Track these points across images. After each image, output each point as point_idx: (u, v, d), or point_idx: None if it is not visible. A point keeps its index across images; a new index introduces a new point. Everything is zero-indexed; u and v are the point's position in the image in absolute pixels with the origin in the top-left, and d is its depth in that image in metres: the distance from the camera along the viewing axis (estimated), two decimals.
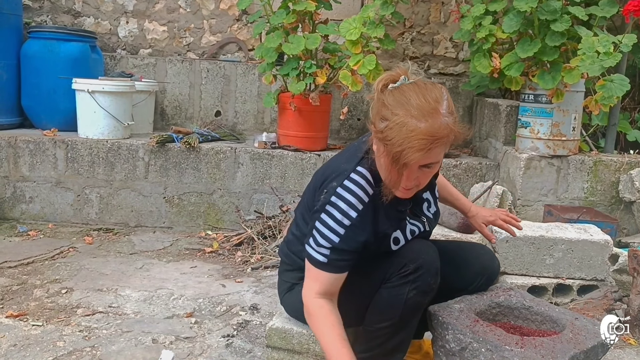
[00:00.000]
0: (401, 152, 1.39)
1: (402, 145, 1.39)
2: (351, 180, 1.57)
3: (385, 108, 1.45)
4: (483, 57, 3.40)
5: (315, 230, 1.57)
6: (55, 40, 3.91)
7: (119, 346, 2.10)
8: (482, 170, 3.64)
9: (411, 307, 1.58)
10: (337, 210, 1.54)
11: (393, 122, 1.41)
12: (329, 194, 1.57)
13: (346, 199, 1.55)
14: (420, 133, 1.38)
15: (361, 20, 3.38)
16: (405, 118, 1.40)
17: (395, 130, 1.40)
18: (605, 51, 2.84)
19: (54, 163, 3.63)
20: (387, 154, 1.44)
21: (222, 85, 4.44)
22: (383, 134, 1.43)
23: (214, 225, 3.65)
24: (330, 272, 1.56)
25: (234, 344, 2.15)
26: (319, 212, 1.57)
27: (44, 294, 2.56)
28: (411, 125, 1.39)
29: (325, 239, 1.55)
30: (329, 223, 1.55)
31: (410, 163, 1.41)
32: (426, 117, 1.40)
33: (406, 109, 1.41)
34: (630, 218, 3.28)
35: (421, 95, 1.44)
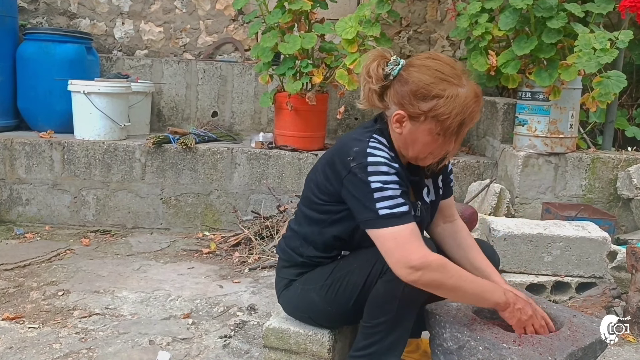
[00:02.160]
0: (464, 119, 1.50)
1: (464, 112, 1.49)
2: (375, 141, 1.57)
3: (422, 87, 1.50)
4: (480, 55, 3.40)
5: (377, 192, 1.49)
6: (50, 41, 3.89)
7: (116, 348, 2.09)
8: (480, 169, 3.63)
9: (407, 302, 1.55)
10: (381, 166, 1.51)
11: (445, 97, 1.48)
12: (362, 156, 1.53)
13: (381, 155, 1.53)
14: (471, 98, 1.50)
15: (357, 19, 3.38)
16: (453, 90, 1.49)
17: (451, 102, 1.48)
18: (601, 48, 2.84)
19: (51, 165, 3.62)
20: (440, 127, 1.50)
21: (219, 85, 4.43)
22: (435, 111, 1.49)
23: (212, 226, 3.64)
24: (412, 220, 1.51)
25: (231, 345, 2.14)
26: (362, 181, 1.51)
27: (41, 296, 2.55)
28: (461, 94, 1.49)
29: (392, 190, 1.50)
30: (382, 178, 1.50)
31: (471, 125, 1.53)
32: (462, 81, 1.51)
33: (447, 81, 1.50)
34: (629, 215, 3.27)
35: (445, 64, 1.53)
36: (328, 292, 1.70)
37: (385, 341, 1.61)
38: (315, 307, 1.74)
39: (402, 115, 1.54)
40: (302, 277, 1.77)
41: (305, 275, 1.77)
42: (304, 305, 1.78)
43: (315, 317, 1.79)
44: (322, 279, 1.72)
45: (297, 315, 1.83)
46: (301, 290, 1.77)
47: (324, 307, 1.72)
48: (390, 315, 1.58)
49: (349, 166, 1.54)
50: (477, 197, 3.31)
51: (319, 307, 1.73)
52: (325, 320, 1.78)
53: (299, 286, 1.77)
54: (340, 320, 1.77)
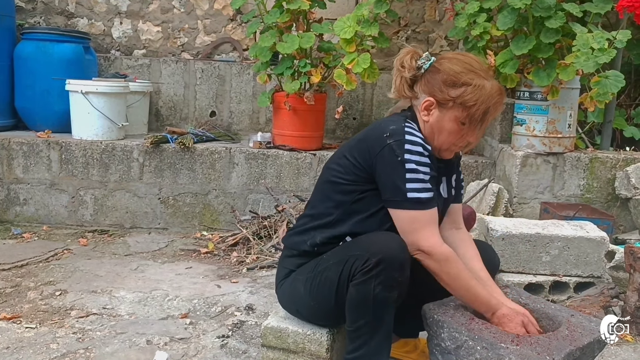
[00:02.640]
0: (488, 108, 1.62)
1: (489, 102, 1.61)
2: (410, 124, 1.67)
3: (452, 75, 1.63)
4: (478, 54, 3.39)
5: (410, 173, 1.59)
6: (48, 41, 3.89)
7: (113, 348, 2.08)
8: (478, 169, 3.63)
9: (380, 303, 1.58)
10: (417, 146, 1.61)
11: (473, 86, 1.61)
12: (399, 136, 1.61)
13: (418, 136, 1.64)
14: (496, 90, 1.63)
15: (355, 19, 3.37)
16: (480, 80, 1.62)
17: (478, 91, 1.60)
18: (599, 47, 2.83)
19: (48, 165, 3.61)
20: (465, 115, 1.62)
21: (217, 85, 4.42)
22: (463, 98, 1.61)
23: (210, 225, 3.63)
24: (435, 207, 1.64)
25: (229, 345, 2.14)
26: (398, 157, 1.60)
27: (38, 296, 2.54)
28: (487, 85, 1.62)
29: (423, 174, 1.60)
30: (417, 159, 1.60)
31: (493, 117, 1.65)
32: (488, 76, 1.65)
33: (476, 73, 1.63)
34: (627, 215, 3.27)
35: (474, 60, 1.67)
36: (311, 285, 1.72)
37: (371, 343, 1.62)
38: (301, 300, 1.78)
39: (431, 102, 1.67)
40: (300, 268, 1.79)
41: (303, 266, 1.78)
42: (293, 296, 1.81)
43: (302, 311, 1.81)
44: (309, 271, 1.75)
45: (289, 308, 1.86)
46: (293, 280, 1.79)
47: (308, 301, 1.75)
48: (368, 317, 1.60)
49: (385, 142, 1.62)
50: (476, 196, 3.30)
51: (304, 300, 1.76)
52: (310, 315, 1.79)
53: (294, 276, 1.79)
54: (324, 318, 1.77)
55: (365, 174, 1.67)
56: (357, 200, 1.71)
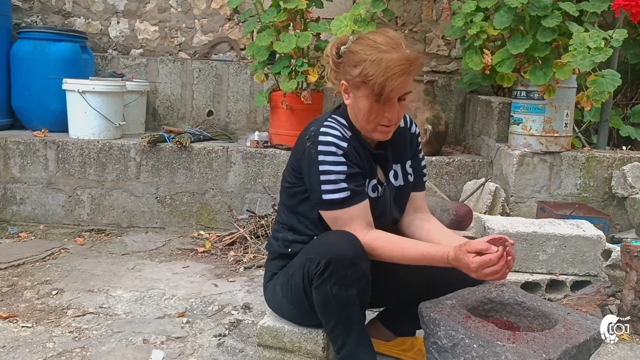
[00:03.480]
0: (386, 80, 1.54)
1: (386, 73, 1.54)
2: (332, 121, 1.70)
3: (354, 55, 1.61)
4: (475, 54, 3.40)
5: (322, 175, 1.62)
6: (45, 40, 3.88)
7: (109, 347, 2.08)
8: (475, 168, 3.63)
9: (342, 303, 1.59)
10: (330, 145, 1.63)
11: (369, 61, 1.56)
12: (316, 135, 1.65)
13: (332, 134, 1.65)
14: (398, 60, 1.55)
15: (352, 18, 3.38)
16: (379, 54, 1.56)
17: (375, 65, 1.55)
18: (596, 46, 2.84)
19: (45, 164, 3.61)
20: (370, 90, 1.57)
21: (214, 84, 4.42)
22: (362, 75, 1.58)
23: (207, 225, 3.63)
24: (358, 203, 1.63)
25: (225, 344, 2.14)
26: (314, 160, 1.63)
27: (34, 295, 2.53)
28: (387, 57, 1.56)
29: (337, 174, 1.61)
30: (330, 159, 1.62)
31: (395, 89, 1.56)
32: (395, 49, 1.58)
33: (376, 47, 1.58)
34: (623, 214, 3.28)
35: (382, 36, 1.62)
36: (286, 290, 1.76)
37: (349, 342, 1.65)
38: (282, 304, 1.81)
39: (345, 85, 1.67)
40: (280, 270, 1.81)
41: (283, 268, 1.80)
42: (276, 300, 1.84)
43: (287, 315, 1.83)
44: (283, 274, 1.79)
45: (276, 311, 1.87)
46: (274, 284, 1.82)
47: (287, 305, 1.78)
48: (335, 317, 1.63)
49: (305, 145, 1.67)
50: (473, 195, 3.31)
51: (284, 304, 1.80)
52: (294, 318, 1.81)
53: (275, 280, 1.81)
54: (306, 320, 1.78)
55: (300, 175, 1.72)
56: (301, 202, 1.75)
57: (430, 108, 3.68)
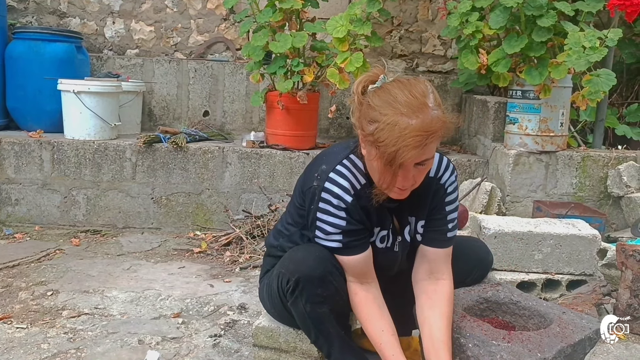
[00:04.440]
0: (396, 152, 1.36)
1: (397, 144, 1.35)
2: (343, 166, 1.58)
3: (372, 110, 1.43)
4: (470, 53, 3.40)
5: (318, 221, 1.57)
6: (40, 40, 3.86)
7: (104, 347, 2.07)
8: (471, 167, 3.64)
9: (318, 319, 1.59)
10: (334, 197, 1.54)
11: (384, 123, 1.38)
12: (321, 181, 1.56)
13: (340, 184, 1.55)
14: (414, 130, 1.35)
15: (348, 18, 3.37)
16: (395, 117, 1.37)
17: (387, 131, 1.37)
18: (591, 46, 2.84)
19: (40, 165, 3.60)
20: (381, 155, 1.40)
21: (210, 85, 4.41)
22: (374, 137, 1.40)
23: (203, 225, 3.62)
24: (350, 255, 1.57)
25: (221, 344, 2.13)
26: (316, 203, 1.56)
27: (29, 296, 2.52)
28: (403, 123, 1.36)
29: (332, 227, 1.56)
30: (330, 210, 1.55)
31: (406, 162, 1.38)
32: (416, 113, 1.37)
33: (394, 107, 1.38)
34: (619, 213, 3.28)
35: (407, 92, 1.41)
36: (267, 292, 1.77)
37: (333, 351, 1.65)
38: (265, 302, 1.83)
39: (361, 133, 1.50)
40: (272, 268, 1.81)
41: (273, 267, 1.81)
42: (262, 298, 1.86)
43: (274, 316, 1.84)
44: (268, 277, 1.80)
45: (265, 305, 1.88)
46: (264, 283, 1.84)
47: (269, 305, 1.80)
48: (314, 331, 1.63)
49: (312, 183, 1.59)
50: (469, 195, 3.31)
51: (267, 303, 1.81)
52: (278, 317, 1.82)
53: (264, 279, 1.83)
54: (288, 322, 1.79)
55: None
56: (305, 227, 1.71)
57: None
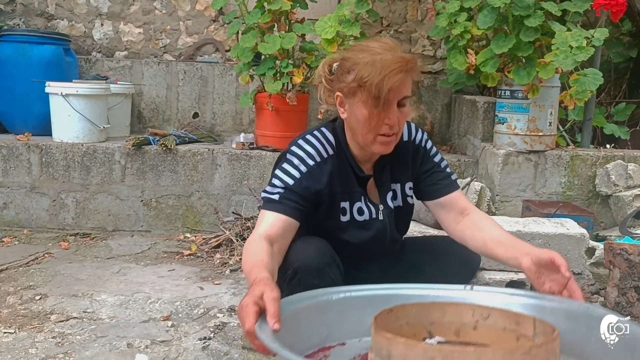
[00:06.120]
0: (383, 79, 1.46)
1: (382, 73, 1.46)
2: (313, 135, 1.66)
3: (347, 61, 1.55)
4: (459, 53, 3.41)
5: (273, 177, 1.60)
6: (27, 43, 3.84)
7: (93, 351, 2.06)
8: (461, 167, 3.65)
9: None
10: (296, 157, 1.61)
11: (363, 63, 1.49)
12: (290, 146, 1.64)
13: (305, 149, 1.62)
14: (393, 59, 1.48)
15: (337, 19, 3.37)
16: (372, 56, 1.50)
17: (369, 66, 1.48)
18: (577, 46, 2.86)
19: (28, 168, 3.58)
20: (367, 95, 1.49)
21: (200, 86, 4.40)
22: (357, 79, 1.51)
23: (193, 227, 3.61)
24: (278, 212, 1.53)
25: (210, 347, 2.12)
26: (280, 162, 1.63)
27: (17, 300, 2.51)
28: (381, 57, 1.49)
29: (280, 181, 1.57)
30: (287, 168, 1.59)
31: (393, 89, 1.47)
32: (389, 51, 1.51)
33: (369, 51, 1.52)
34: (607, 212, 3.30)
35: (375, 41, 1.57)
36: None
37: None
38: None
39: (340, 96, 1.59)
40: None
41: None
42: None
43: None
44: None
45: None
46: None
47: None
48: None
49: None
50: None
51: None
52: None
53: None
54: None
55: None
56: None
57: (416, 108, 3.69)
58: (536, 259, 1.40)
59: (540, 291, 1.41)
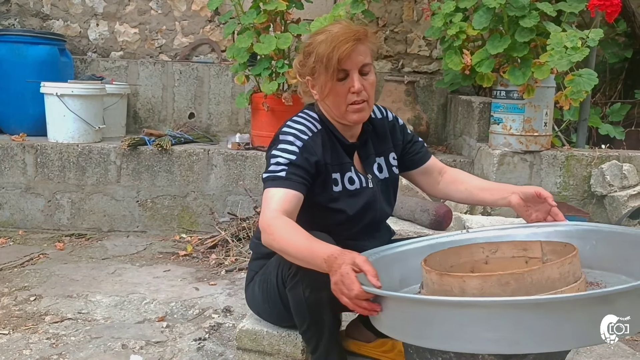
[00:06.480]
0: (333, 50, 1.56)
1: (331, 45, 1.57)
2: (298, 117, 1.72)
3: (308, 47, 1.66)
4: (454, 54, 3.42)
5: (272, 157, 1.61)
6: (22, 43, 3.83)
7: (87, 353, 2.06)
8: (457, 168, 3.64)
9: (314, 305, 1.58)
10: (290, 135, 1.64)
11: (316, 42, 1.62)
12: (279, 130, 1.68)
13: (296, 127, 1.67)
14: (340, 31, 1.60)
15: (332, 19, 3.36)
16: (324, 35, 1.62)
17: (321, 42, 1.60)
18: (572, 46, 2.86)
19: (23, 168, 3.57)
20: (325, 69, 1.59)
21: (195, 86, 4.40)
22: (316, 59, 1.60)
23: (188, 228, 3.61)
24: (288, 188, 1.56)
25: (205, 347, 2.12)
26: (274, 146, 1.64)
27: (12, 301, 2.50)
28: (330, 31, 1.62)
29: (283, 159, 1.59)
30: (285, 147, 1.61)
31: (344, 58, 1.57)
32: (342, 26, 1.64)
33: (322, 32, 1.64)
34: (603, 212, 3.31)
35: (334, 24, 1.68)
36: (262, 288, 1.75)
37: (321, 345, 1.65)
38: (258, 302, 1.80)
39: (309, 79, 1.67)
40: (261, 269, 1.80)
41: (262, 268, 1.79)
42: (254, 299, 1.82)
43: (262, 314, 1.83)
44: (262, 274, 1.78)
45: (253, 310, 1.87)
46: (254, 283, 1.81)
47: (262, 304, 1.78)
48: (307, 320, 1.62)
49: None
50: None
51: (260, 303, 1.79)
52: (269, 318, 1.81)
53: (255, 278, 1.80)
54: (280, 320, 1.78)
55: None
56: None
57: (412, 109, 3.69)
58: (523, 194, 1.67)
59: (528, 221, 1.68)
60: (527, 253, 1.51)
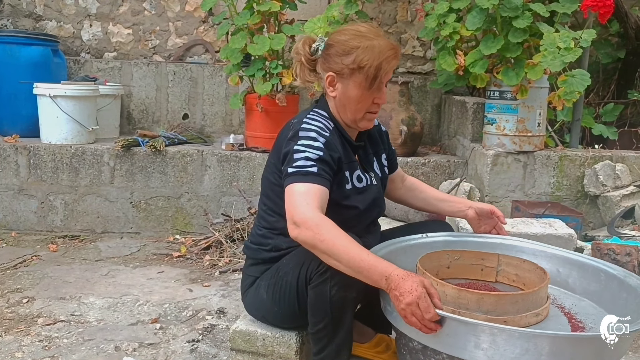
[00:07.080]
0: (381, 64, 1.63)
1: (380, 57, 1.63)
2: (314, 114, 1.73)
3: (342, 44, 1.67)
4: (448, 54, 3.42)
5: (296, 152, 1.59)
6: (15, 44, 3.81)
7: (80, 355, 2.05)
8: (451, 168, 3.65)
9: (338, 304, 1.57)
10: (312, 131, 1.64)
11: (362, 48, 1.64)
12: (298, 125, 1.67)
13: (315, 125, 1.68)
14: (388, 45, 1.67)
15: (326, 20, 3.37)
16: (369, 42, 1.65)
17: (369, 51, 1.64)
18: (565, 47, 2.87)
19: (16, 170, 3.55)
20: (364, 77, 1.64)
21: (189, 87, 4.39)
22: (356, 62, 1.64)
23: (182, 229, 3.60)
24: (320, 185, 1.57)
25: (198, 349, 2.12)
26: (293, 142, 1.63)
27: (4, 304, 2.49)
28: (377, 43, 1.65)
29: (312, 154, 1.59)
30: (310, 143, 1.62)
31: (387, 73, 1.66)
32: (380, 37, 1.69)
33: (363, 36, 1.67)
34: (596, 212, 3.32)
35: (361, 26, 1.71)
36: (273, 291, 1.72)
37: (332, 345, 1.63)
38: (265, 306, 1.77)
39: (332, 76, 1.70)
40: (263, 274, 1.78)
41: (266, 272, 1.77)
42: (258, 303, 1.80)
43: (267, 317, 1.81)
44: (270, 276, 1.75)
45: (255, 314, 1.85)
46: (257, 287, 1.79)
47: (271, 307, 1.75)
48: (327, 319, 1.60)
49: (287, 135, 1.67)
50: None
51: (267, 306, 1.76)
52: (276, 320, 1.79)
53: (258, 283, 1.79)
54: (289, 322, 1.77)
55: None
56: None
57: (406, 109, 3.69)
58: (479, 210, 1.91)
59: (477, 232, 1.95)
60: (484, 262, 1.76)
